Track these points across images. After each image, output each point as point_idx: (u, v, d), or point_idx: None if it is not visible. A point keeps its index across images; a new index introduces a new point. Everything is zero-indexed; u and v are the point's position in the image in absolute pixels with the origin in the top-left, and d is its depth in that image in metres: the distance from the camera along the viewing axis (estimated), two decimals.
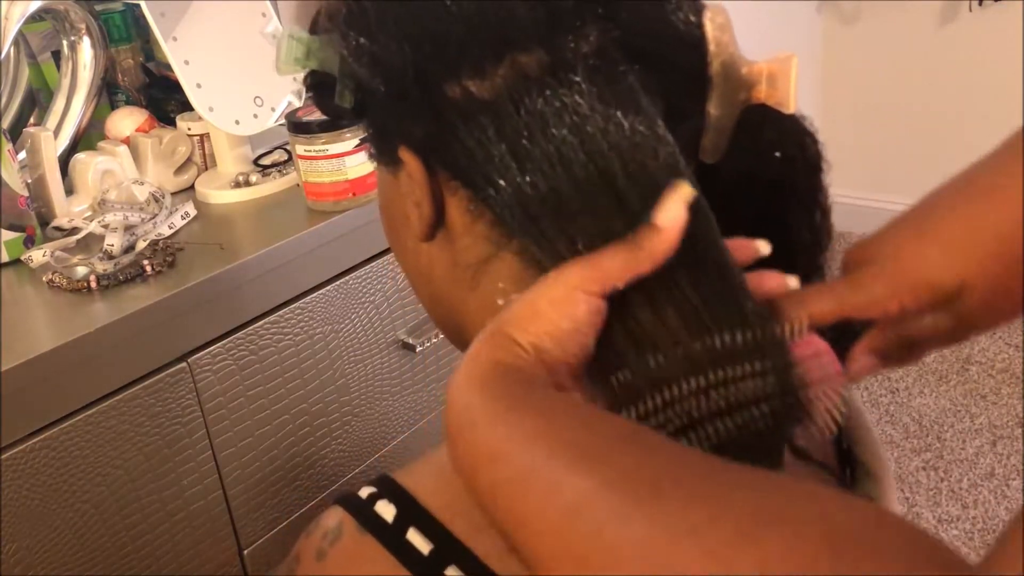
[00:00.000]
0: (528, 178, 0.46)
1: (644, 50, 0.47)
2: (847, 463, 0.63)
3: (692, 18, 0.48)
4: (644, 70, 0.47)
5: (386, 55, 0.48)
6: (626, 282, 0.43)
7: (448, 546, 0.47)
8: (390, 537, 0.48)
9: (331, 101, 0.52)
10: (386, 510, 0.49)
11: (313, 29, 0.54)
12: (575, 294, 0.43)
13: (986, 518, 1.92)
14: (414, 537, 0.47)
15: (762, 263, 0.51)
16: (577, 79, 0.46)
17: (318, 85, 0.54)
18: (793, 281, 0.47)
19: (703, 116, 0.48)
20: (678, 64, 0.48)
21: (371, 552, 0.48)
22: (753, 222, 0.50)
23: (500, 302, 0.52)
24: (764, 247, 0.46)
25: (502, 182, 0.47)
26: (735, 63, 0.48)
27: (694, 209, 0.44)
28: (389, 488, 0.50)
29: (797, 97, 0.48)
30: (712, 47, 0.48)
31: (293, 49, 0.52)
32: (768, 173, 0.50)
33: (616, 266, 0.43)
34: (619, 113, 0.46)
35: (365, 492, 0.50)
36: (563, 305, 0.43)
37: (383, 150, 0.54)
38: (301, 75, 0.56)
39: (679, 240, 0.43)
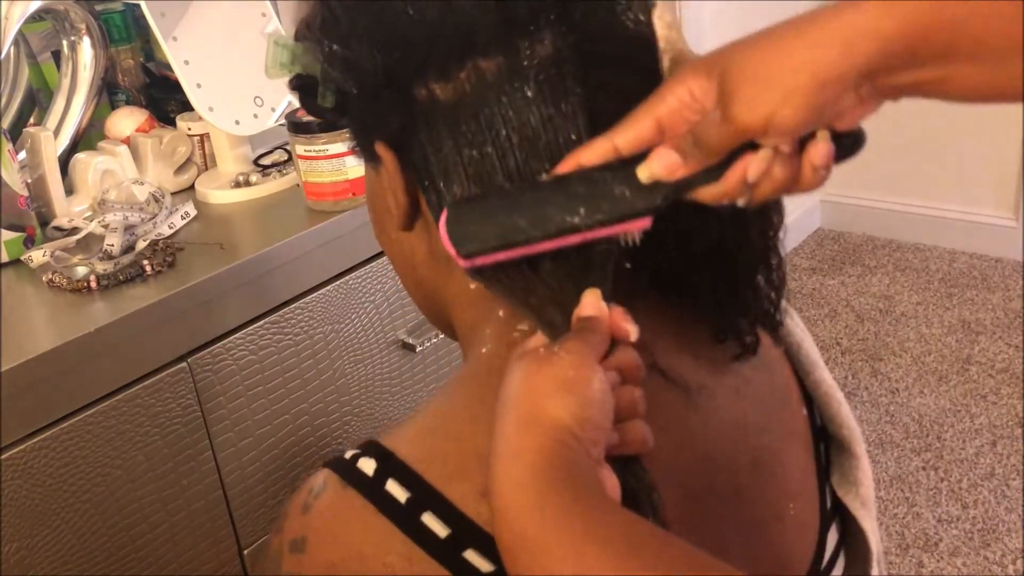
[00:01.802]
0: (470, 184, 0.50)
1: (598, 52, 0.50)
2: (821, 439, 0.65)
3: (642, 17, 0.51)
4: (598, 71, 0.50)
5: (358, 60, 0.51)
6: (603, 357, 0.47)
7: (424, 493, 0.50)
8: (370, 489, 0.51)
9: (315, 102, 0.56)
10: (367, 465, 0.52)
11: (297, 35, 0.57)
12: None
13: (986, 518, 1.92)
14: (392, 487, 0.50)
15: (720, 252, 0.55)
16: (530, 86, 0.49)
17: (303, 87, 0.57)
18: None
19: None
20: (631, 63, 0.51)
21: (352, 502, 0.51)
22: (708, 210, 0.52)
23: (472, 286, 0.56)
24: (634, 334, 0.49)
25: (448, 184, 0.51)
26: (684, 58, 0.50)
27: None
28: (371, 448, 0.53)
29: None
30: (662, 44, 0.50)
31: (279, 55, 0.56)
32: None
33: (594, 351, 0.46)
34: (561, 136, 0.50)
35: (349, 453, 0.53)
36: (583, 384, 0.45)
37: (363, 146, 0.57)
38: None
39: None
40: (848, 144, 0.47)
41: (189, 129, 1.27)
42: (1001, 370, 2.34)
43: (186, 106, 1.25)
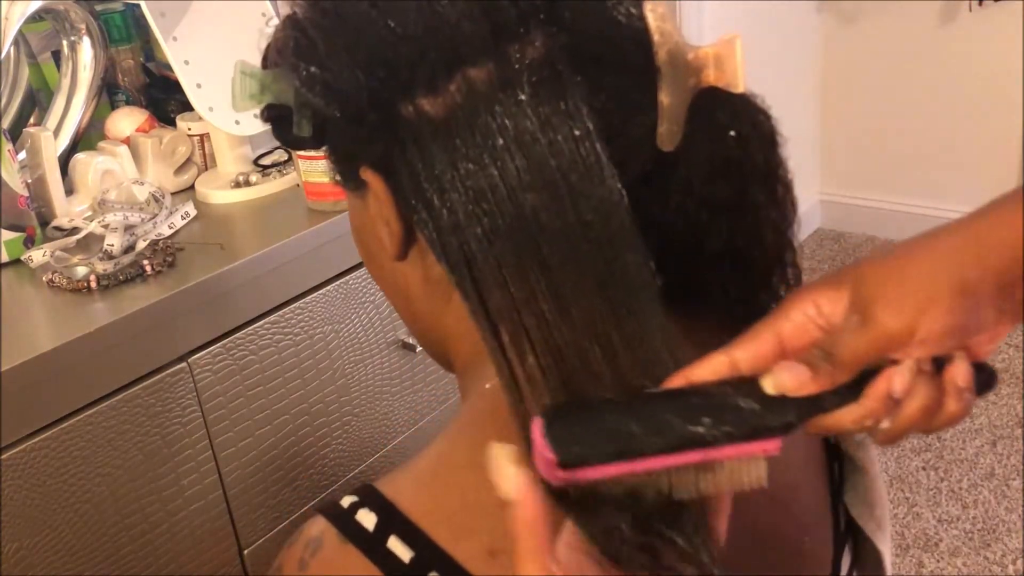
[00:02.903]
0: (467, 204, 0.46)
1: (590, 51, 0.48)
2: (835, 457, 0.64)
3: (633, 11, 0.49)
4: (592, 71, 0.47)
5: (338, 82, 0.48)
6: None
7: (429, 553, 0.47)
8: (371, 546, 0.48)
9: (290, 132, 0.53)
10: (367, 519, 0.49)
11: (264, 64, 0.54)
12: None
13: (986, 518, 1.92)
14: (395, 545, 0.48)
15: (733, 251, 0.51)
16: (525, 90, 0.46)
17: (276, 118, 0.55)
18: None
19: (656, 106, 0.48)
20: (625, 59, 0.48)
21: (352, 561, 0.48)
22: (719, 205, 0.51)
23: None
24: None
25: (444, 202, 0.47)
26: (680, 50, 0.48)
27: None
28: (370, 497, 0.50)
29: (745, 77, 0.48)
30: (656, 37, 0.48)
31: (247, 86, 0.53)
32: (725, 154, 0.50)
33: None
34: (560, 134, 0.46)
35: (347, 501, 0.50)
36: None
37: (346, 174, 0.54)
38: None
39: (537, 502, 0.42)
40: (982, 379, 0.44)
41: (189, 129, 1.27)
42: (1001, 370, 2.34)
43: (186, 106, 1.25)
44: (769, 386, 0.43)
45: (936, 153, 2.88)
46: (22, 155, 1.13)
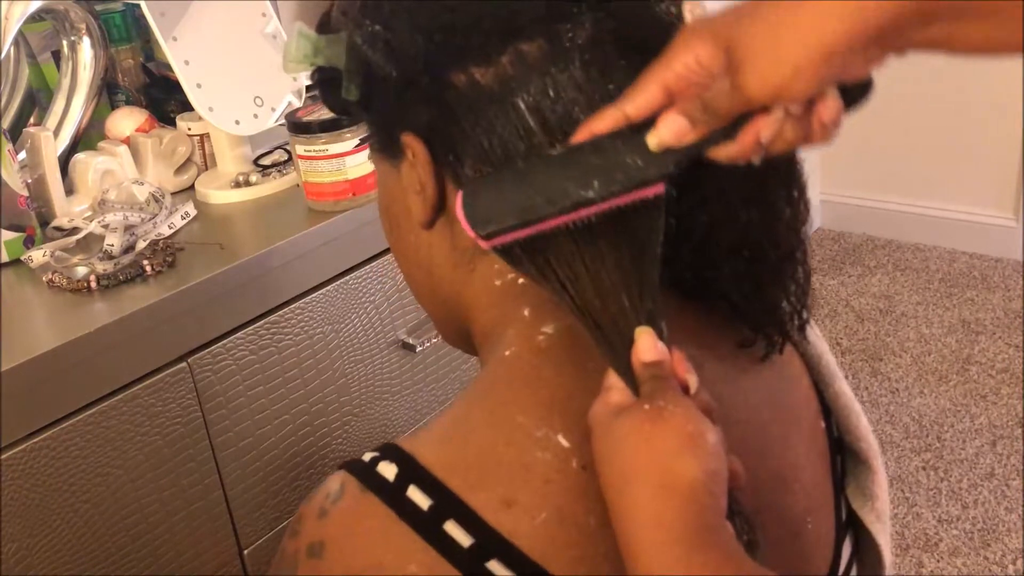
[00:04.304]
0: (514, 167, 0.49)
1: (634, 40, 0.51)
2: (838, 451, 0.64)
3: (673, 9, 0.52)
4: (634, 59, 0.50)
5: (400, 43, 0.50)
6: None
7: (447, 501, 0.49)
8: (391, 494, 0.49)
9: (337, 96, 0.55)
10: (387, 470, 0.50)
11: (320, 28, 0.56)
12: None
13: (986, 518, 1.92)
14: (414, 494, 0.49)
15: (747, 246, 0.54)
16: (575, 68, 0.49)
17: (325, 81, 0.57)
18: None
19: None
20: (663, 52, 0.50)
21: (372, 509, 0.49)
22: (738, 200, 0.53)
23: (497, 283, 0.55)
24: (694, 386, 0.48)
25: (490, 169, 0.50)
26: None
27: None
28: (391, 451, 0.52)
29: None
30: None
31: (301, 46, 0.55)
32: None
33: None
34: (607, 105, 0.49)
35: (368, 456, 0.52)
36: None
37: (385, 141, 0.56)
38: (301, 75, 0.58)
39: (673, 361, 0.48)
40: (856, 94, 0.47)
41: (189, 129, 1.27)
42: (1001, 370, 2.34)
43: (186, 106, 1.25)
44: (652, 142, 0.48)
45: (936, 153, 2.88)
46: (22, 155, 1.13)
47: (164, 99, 1.36)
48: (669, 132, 0.47)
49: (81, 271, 1.01)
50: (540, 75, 0.49)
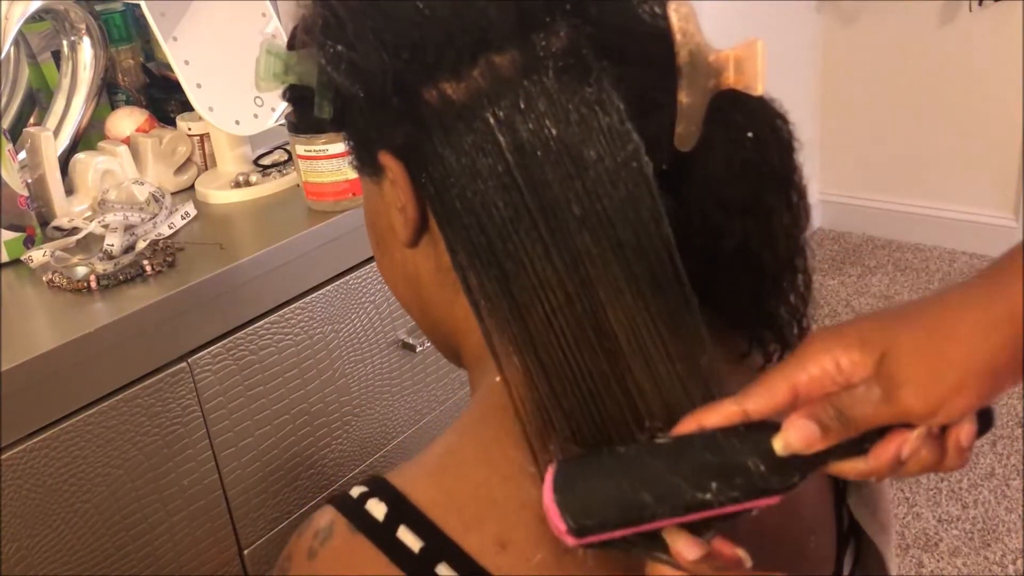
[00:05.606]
0: (487, 192, 0.46)
1: (614, 45, 0.48)
2: None
3: (657, 10, 0.49)
4: (614, 65, 0.47)
5: (365, 62, 0.48)
6: None
7: (439, 543, 0.47)
8: (381, 535, 0.48)
9: (310, 114, 0.53)
10: (377, 508, 0.49)
11: (291, 44, 0.54)
12: None
13: (986, 518, 1.92)
14: (404, 535, 0.48)
15: (745, 254, 0.52)
16: (547, 84, 0.46)
17: (297, 99, 0.55)
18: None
19: (675, 106, 0.48)
20: (647, 56, 0.48)
21: (362, 551, 0.48)
22: (734, 207, 0.51)
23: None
24: (747, 560, 0.46)
25: (465, 188, 0.47)
26: (702, 51, 0.48)
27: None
28: (380, 487, 0.50)
29: (764, 80, 0.49)
30: (678, 37, 0.48)
31: (271, 65, 0.53)
32: (743, 156, 0.51)
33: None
34: (586, 117, 0.46)
35: (356, 492, 0.50)
36: None
37: (364, 158, 0.54)
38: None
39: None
40: (984, 422, 0.45)
41: (189, 129, 1.27)
42: None
43: (186, 106, 1.25)
44: (779, 446, 0.44)
45: (936, 153, 2.88)
46: (22, 155, 1.13)
47: (164, 99, 1.36)
48: (798, 437, 0.43)
49: (81, 271, 1.01)
50: (514, 87, 0.46)
